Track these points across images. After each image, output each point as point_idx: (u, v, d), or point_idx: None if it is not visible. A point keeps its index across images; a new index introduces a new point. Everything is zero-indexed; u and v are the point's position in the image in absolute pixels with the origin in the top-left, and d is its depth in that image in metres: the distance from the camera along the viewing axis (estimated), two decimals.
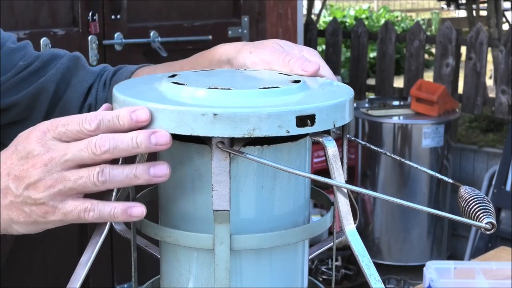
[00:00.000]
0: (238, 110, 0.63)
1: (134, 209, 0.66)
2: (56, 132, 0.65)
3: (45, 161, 0.65)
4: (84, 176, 0.64)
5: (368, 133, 3.92)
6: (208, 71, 0.79)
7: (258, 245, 0.68)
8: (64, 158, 0.65)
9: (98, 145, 0.64)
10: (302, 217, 0.73)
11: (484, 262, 1.80)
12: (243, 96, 0.66)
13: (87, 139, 0.64)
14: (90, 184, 0.64)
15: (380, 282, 0.66)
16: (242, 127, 0.63)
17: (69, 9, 2.65)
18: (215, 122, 0.63)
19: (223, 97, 0.66)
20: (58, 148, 0.65)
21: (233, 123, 0.63)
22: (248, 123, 0.63)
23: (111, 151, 0.64)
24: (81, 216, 0.66)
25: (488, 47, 4.16)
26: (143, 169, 0.64)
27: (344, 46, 5.97)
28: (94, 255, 0.68)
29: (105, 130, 0.64)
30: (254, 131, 0.63)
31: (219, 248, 0.66)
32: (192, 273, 0.70)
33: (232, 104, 0.65)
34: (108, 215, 0.66)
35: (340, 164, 0.68)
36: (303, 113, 0.65)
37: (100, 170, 0.64)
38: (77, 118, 0.65)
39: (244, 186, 0.67)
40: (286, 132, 0.64)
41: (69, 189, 0.65)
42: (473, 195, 0.70)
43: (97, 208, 0.66)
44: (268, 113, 0.63)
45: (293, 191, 0.71)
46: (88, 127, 0.64)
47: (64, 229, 2.66)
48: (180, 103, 0.65)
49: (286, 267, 0.72)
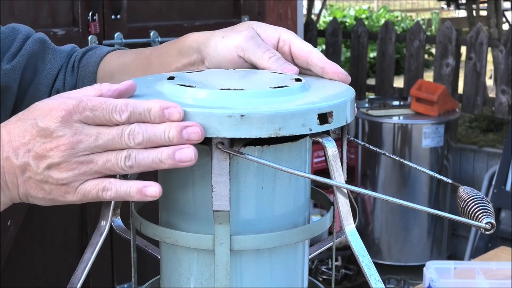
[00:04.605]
0: (263, 110, 0.63)
1: (149, 189, 0.65)
2: (84, 116, 0.64)
3: (72, 144, 0.64)
4: (112, 160, 0.64)
5: (368, 133, 3.92)
6: (200, 72, 0.79)
7: (258, 246, 0.68)
8: (95, 143, 0.64)
9: (131, 137, 0.63)
10: (302, 217, 0.73)
11: (484, 262, 1.80)
12: (256, 96, 0.66)
13: (119, 127, 0.64)
14: (117, 168, 0.64)
15: (380, 282, 0.66)
16: (268, 127, 0.63)
17: (69, 9, 2.65)
18: (241, 123, 0.63)
19: (237, 98, 0.66)
20: (87, 132, 0.64)
21: (259, 123, 0.63)
22: (273, 123, 0.63)
23: (144, 143, 0.63)
24: (99, 195, 0.65)
25: (488, 47, 4.16)
26: (169, 154, 0.63)
27: (344, 46, 5.97)
28: (94, 255, 0.69)
29: (135, 122, 0.64)
30: (280, 131, 0.63)
31: (219, 248, 0.66)
32: (192, 273, 0.70)
33: (248, 105, 0.65)
34: (124, 193, 0.65)
35: (340, 164, 0.68)
36: (323, 110, 0.65)
37: (127, 155, 0.64)
38: (106, 105, 0.64)
39: (244, 187, 0.67)
40: (309, 130, 0.64)
41: (95, 172, 0.65)
42: (472, 195, 0.70)
43: (114, 187, 0.65)
44: (292, 112, 0.63)
45: (293, 191, 0.71)
46: (118, 118, 0.64)
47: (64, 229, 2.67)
48: (199, 106, 0.65)
49: (286, 267, 0.72)
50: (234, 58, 0.81)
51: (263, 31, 0.82)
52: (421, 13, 11.13)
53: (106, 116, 0.64)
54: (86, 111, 0.64)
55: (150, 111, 0.63)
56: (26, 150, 0.65)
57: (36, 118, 0.65)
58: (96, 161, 0.64)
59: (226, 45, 0.81)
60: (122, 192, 0.65)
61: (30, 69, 1.02)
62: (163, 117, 0.63)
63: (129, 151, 0.63)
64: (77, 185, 0.65)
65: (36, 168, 0.65)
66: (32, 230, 2.54)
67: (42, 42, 1.04)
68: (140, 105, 0.64)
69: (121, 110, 0.63)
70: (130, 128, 0.63)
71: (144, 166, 0.64)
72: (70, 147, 0.64)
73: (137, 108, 0.64)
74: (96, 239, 0.69)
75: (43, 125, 0.64)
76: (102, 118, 0.64)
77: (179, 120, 0.63)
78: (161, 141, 0.63)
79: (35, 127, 0.65)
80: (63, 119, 0.64)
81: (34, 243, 2.58)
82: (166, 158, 0.63)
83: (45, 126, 0.64)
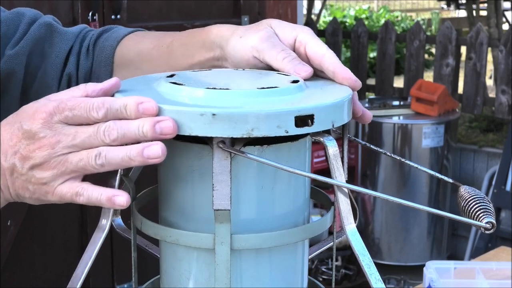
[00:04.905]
0: (236, 110, 0.63)
1: (118, 198, 0.67)
2: (63, 116, 0.66)
3: (51, 144, 0.66)
4: (84, 159, 0.66)
5: (368, 133, 3.92)
6: (206, 71, 0.79)
7: (258, 245, 0.68)
8: (72, 142, 0.66)
9: (107, 134, 0.65)
10: (302, 216, 0.73)
11: (484, 262, 1.80)
12: (241, 96, 0.66)
13: (95, 125, 0.65)
14: (89, 167, 0.66)
15: (380, 282, 0.66)
16: (241, 127, 0.63)
17: (69, 9, 2.65)
18: (213, 122, 0.63)
19: (221, 97, 0.66)
20: (66, 132, 0.66)
21: (231, 123, 0.63)
22: (246, 123, 0.63)
23: (119, 139, 0.65)
24: (74, 199, 0.68)
25: (488, 47, 4.16)
26: (137, 151, 0.64)
27: (344, 46, 5.98)
28: (94, 255, 0.69)
29: (112, 119, 0.65)
30: (253, 131, 0.63)
31: (220, 247, 0.66)
32: (192, 272, 0.70)
33: (230, 104, 0.65)
34: (95, 200, 0.67)
35: (341, 163, 0.68)
36: (302, 113, 0.65)
37: (98, 153, 0.65)
38: (84, 103, 0.66)
39: (244, 186, 0.67)
40: (285, 132, 0.64)
41: (71, 171, 0.67)
42: (473, 194, 0.70)
43: (86, 193, 0.67)
44: (267, 113, 0.63)
45: (293, 191, 0.71)
46: (96, 115, 0.65)
47: (64, 229, 2.66)
48: (178, 103, 0.65)
49: (286, 267, 0.72)
50: (249, 59, 0.81)
51: (281, 31, 0.81)
52: (421, 13, 11.13)
53: (84, 115, 0.65)
54: (66, 111, 0.66)
55: (126, 107, 0.65)
56: (13, 152, 0.68)
57: (22, 121, 0.68)
58: (71, 160, 0.66)
59: (243, 45, 0.81)
60: (93, 198, 0.67)
61: (37, 55, 1.01)
62: (137, 112, 0.64)
63: (100, 149, 0.65)
64: (56, 185, 0.67)
65: (21, 168, 0.68)
66: (32, 230, 2.54)
67: (48, 26, 1.02)
68: (116, 102, 0.65)
69: (98, 108, 0.65)
70: (105, 125, 0.65)
71: (114, 164, 0.65)
72: (50, 147, 0.66)
73: (113, 105, 0.65)
74: (97, 238, 0.69)
75: (27, 128, 0.67)
76: (81, 117, 0.66)
77: (154, 115, 0.64)
78: (136, 136, 0.64)
79: (21, 130, 0.68)
80: (44, 120, 0.66)
81: (34, 243, 2.57)
82: (135, 156, 0.65)
83: (29, 129, 0.67)
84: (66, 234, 2.66)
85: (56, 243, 2.64)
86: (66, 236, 2.67)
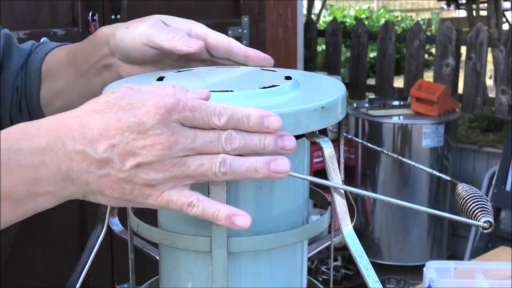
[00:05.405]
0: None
1: (239, 218, 0.62)
2: (183, 116, 0.61)
3: (169, 144, 0.60)
4: (206, 164, 0.61)
5: (368, 133, 3.92)
6: (188, 71, 0.78)
7: (256, 247, 0.67)
8: (191, 145, 0.61)
9: (229, 142, 0.61)
10: (301, 217, 0.72)
11: (484, 262, 1.80)
12: (246, 97, 0.66)
13: (216, 131, 0.61)
14: (210, 174, 0.61)
15: (378, 283, 0.66)
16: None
17: (69, 9, 2.65)
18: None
19: (226, 99, 0.66)
20: (185, 133, 0.61)
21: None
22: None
23: (240, 149, 0.61)
24: (183, 209, 0.62)
25: (488, 47, 4.16)
26: (264, 163, 0.61)
27: (344, 46, 5.97)
28: (93, 255, 0.68)
29: (232, 128, 0.61)
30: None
31: (217, 250, 0.66)
32: (191, 273, 0.70)
33: None
34: (211, 216, 0.62)
35: (337, 164, 0.68)
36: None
37: (222, 160, 0.61)
38: (205, 107, 0.61)
39: (242, 187, 0.67)
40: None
41: (186, 176, 0.61)
42: (471, 192, 0.70)
43: (201, 206, 0.62)
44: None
45: (292, 191, 0.71)
46: (217, 122, 0.61)
47: (64, 229, 2.66)
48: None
49: (285, 267, 0.72)
50: (140, 47, 0.82)
51: (173, 22, 0.83)
52: (421, 13, 11.13)
53: (205, 118, 0.61)
54: (186, 111, 0.61)
55: (249, 117, 0.61)
56: (109, 145, 0.60)
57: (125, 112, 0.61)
58: (189, 164, 0.61)
59: (132, 34, 0.82)
60: (209, 213, 0.62)
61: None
62: (262, 125, 0.61)
63: (224, 157, 0.61)
64: (164, 189, 0.61)
65: (120, 165, 0.60)
66: (32, 230, 2.54)
67: (9, 38, 1.00)
68: (239, 110, 0.61)
69: (220, 114, 0.61)
70: (227, 133, 0.61)
71: (238, 173, 0.61)
72: (167, 146, 0.60)
73: (236, 114, 0.61)
74: (94, 240, 0.69)
75: (137, 120, 0.60)
76: (200, 120, 0.61)
77: (278, 129, 0.61)
78: (256, 148, 0.61)
79: (125, 121, 0.60)
80: (162, 116, 0.60)
81: (34, 243, 2.58)
82: (262, 168, 0.61)
83: (140, 121, 0.60)
84: (66, 234, 2.67)
85: (56, 243, 2.64)
86: (66, 236, 2.67)
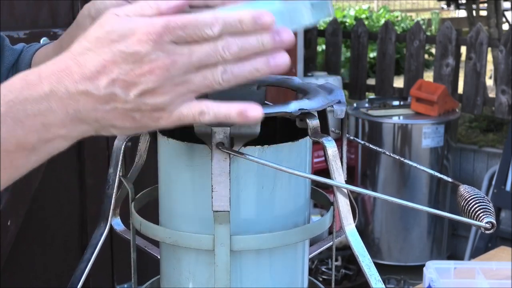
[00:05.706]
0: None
1: (251, 111, 0.61)
2: (175, 36, 0.60)
3: (167, 66, 0.60)
4: (209, 77, 0.61)
5: (368, 133, 3.92)
6: None
7: (258, 246, 0.68)
8: (189, 62, 0.60)
9: (226, 49, 0.60)
10: (303, 217, 0.72)
11: (484, 262, 1.80)
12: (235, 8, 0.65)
13: (211, 42, 0.60)
14: (215, 84, 0.61)
15: (380, 282, 0.66)
16: None
17: (69, 9, 2.65)
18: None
19: None
20: (180, 52, 0.60)
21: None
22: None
23: (239, 53, 0.61)
24: (196, 119, 0.62)
25: (488, 47, 4.16)
26: (263, 62, 0.61)
27: (344, 46, 5.97)
28: (94, 255, 0.69)
29: (227, 35, 0.61)
30: None
31: (220, 249, 0.66)
32: (192, 273, 0.70)
33: None
34: (223, 116, 0.62)
35: (340, 164, 0.68)
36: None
37: (223, 70, 0.61)
38: (195, 21, 0.60)
39: (244, 186, 0.67)
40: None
41: (192, 91, 0.62)
42: (473, 194, 0.70)
43: (212, 111, 0.62)
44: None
45: (293, 191, 0.71)
46: (211, 32, 0.60)
47: (64, 229, 2.65)
48: None
49: (286, 267, 0.72)
50: (121, 4, 0.82)
51: None
52: (421, 13, 11.13)
53: (198, 32, 0.60)
54: (177, 30, 0.60)
55: (242, 21, 0.60)
56: (110, 80, 0.60)
57: (117, 45, 0.60)
58: (192, 80, 0.61)
59: None
60: (221, 116, 0.62)
61: None
62: (256, 24, 0.60)
63: (224, 66, 0.61)
64: (173, 109, 0.61)
65: (125, 96, 0.60)
66: (32, 230, 2.54)
67: (1, 40, 1.02)
68: (230, 16, 0.61)
69: (212, 24, 0.60)
70: (223, 41, 0.60)
71: (241, 77, 0.61)
72: (165, 69, 0.60)
73: (228, 20, 0.61)
74: (96, 239, 0.69)
75: (131, 51, 0.60)
76: (194, 35, 0.60)
77: (272, 25, 0.61)
78: (255, 49, 0.61)
79: (119, 54, 0.60)
80: (154, 42, 0.59)
81: (34, 243, 2.57)
82: (262, 66, 0.61)
83: (133, 51, 0.60)
84: (66, 234, 2.66)
85: (56, 243, 2.64)
86: (66, 236, 2.67)
